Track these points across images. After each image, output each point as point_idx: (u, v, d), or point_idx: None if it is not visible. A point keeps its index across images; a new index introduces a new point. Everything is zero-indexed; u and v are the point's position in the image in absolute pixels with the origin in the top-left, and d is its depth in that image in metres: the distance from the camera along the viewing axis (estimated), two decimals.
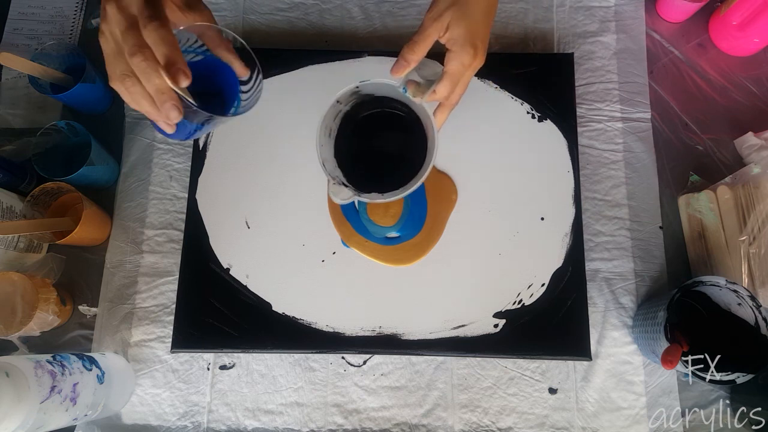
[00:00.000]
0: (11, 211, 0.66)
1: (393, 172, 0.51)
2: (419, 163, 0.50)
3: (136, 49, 0.38)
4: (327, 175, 0.50)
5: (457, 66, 0.49)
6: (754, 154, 0.68)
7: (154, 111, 0.40)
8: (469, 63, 0.49)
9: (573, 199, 0.68)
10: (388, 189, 0.50)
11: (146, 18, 0.38)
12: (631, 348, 0.65)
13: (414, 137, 0.53)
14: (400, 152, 0.54)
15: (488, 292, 0.66)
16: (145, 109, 0.40)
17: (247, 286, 0.67)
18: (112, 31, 0.39)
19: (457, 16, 0.48)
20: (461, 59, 0.49)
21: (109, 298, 0.68)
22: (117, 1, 0.39)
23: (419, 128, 0.53)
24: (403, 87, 0.50)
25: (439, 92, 0.50)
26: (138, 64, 0.37)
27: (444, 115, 0.52)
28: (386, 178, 0.51)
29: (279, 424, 0.64)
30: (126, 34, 0.38)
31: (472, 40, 0.48)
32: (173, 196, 0.72)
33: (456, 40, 0.48)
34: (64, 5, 0.80)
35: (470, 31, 0.48)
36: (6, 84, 0.76)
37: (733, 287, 0.56)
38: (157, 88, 0.38)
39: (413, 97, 0.50)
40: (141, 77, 0.38)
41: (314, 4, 0.79)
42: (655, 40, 0.76)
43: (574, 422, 0.63)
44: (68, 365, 0.55)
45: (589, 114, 0.73)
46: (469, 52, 0.48)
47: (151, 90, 0.39)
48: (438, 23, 0.48)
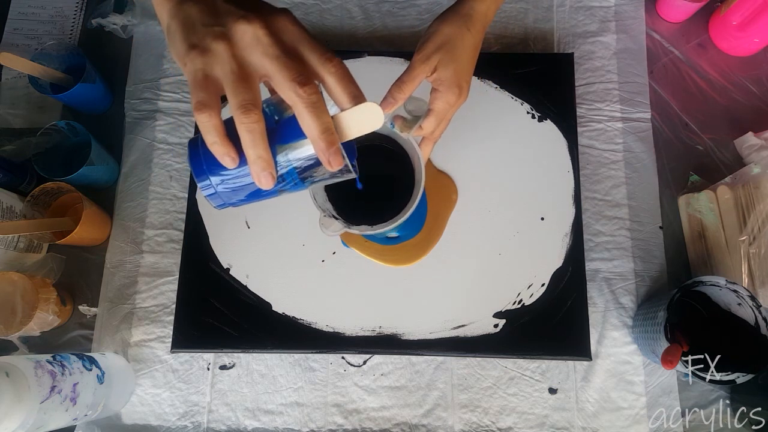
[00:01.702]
0: (11, 211, 0.66)
1: (382, 203, 0.53)
2: (407, 194, 0.52)
3: (305, 79, 0.33)
4: (318, 209, 0.51)
5: (442, 105, 0.51)
6: (754, 154, 0.68)
7: (268, 156, 0.33)
8: (454, 102, 0.51)
9: (573, 199, 0.68)
10: (377, 220, 0.51)
11: (327, 51, 0.35)
12: (631, 348, 0.65)
13: (402, 169, 0.54)
14: (389, 184, 0.56)
15: (488, 292, 0.66)
16: (260, 153, 0.33)
17: (247, 286, 0.67)
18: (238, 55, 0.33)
19: (445, 59, 0.50)
20: (447, 99, 0.51)
21: (109, 298, 0.68)
22: (265, 21, 0.33)
23: (407, 161, 0.54)
24: (390, 122, 0.53)
25: (425, 128, 0.52)
26: (309, 97, 0.33)
27: (428, 148, 0.54)
28: (375, 209, 0.53)
29: (279, 424, 0.64)
30: (287, 61, 0.33)
31: (458, 82, 0.51)
32: (173, 196, 0.72)
33: (443, 81, 0.51)
34: (64, 5, 0.80)
35: (457, 73, 0.51)
36: (6, 84, 0.76)
37: (733, 287, 0.56)
38: (327, 127, 0.33)
39: (400, 131, 0.53)
40: (309, 112, 0.33)
41: (314, 4, 0.79)
42: (655, 40, 0.76)
43: (574, 422, 0.63)
44: (68, 365, 0.55)
45: (589, 114, 0.73)
46: (454, 92, 0.51)
47: (321, 128, 0.33)
48: (426, 65, 0.50)
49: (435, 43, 0.50)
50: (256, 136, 0.32)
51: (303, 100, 0.32)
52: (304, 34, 0.35)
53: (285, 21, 0.34)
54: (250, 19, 0.33)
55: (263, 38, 0.33)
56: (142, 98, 0.75)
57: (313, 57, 0.34)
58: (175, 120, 0.74)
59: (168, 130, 0.74)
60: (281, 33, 0.34)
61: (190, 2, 0.34)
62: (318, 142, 0.33)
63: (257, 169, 0.33)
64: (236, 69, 0.33)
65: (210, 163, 0.34)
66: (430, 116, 0.52)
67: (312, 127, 0.33)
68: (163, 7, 0.36)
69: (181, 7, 0.34)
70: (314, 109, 0.32)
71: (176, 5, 0.35)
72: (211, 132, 0.32)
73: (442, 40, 0.50)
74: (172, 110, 0.75)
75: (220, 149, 0.33)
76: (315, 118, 0.32)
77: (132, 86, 0.76)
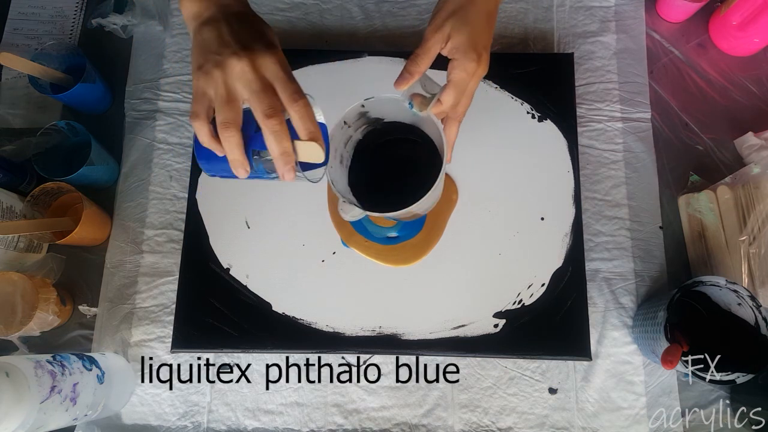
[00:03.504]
0: (11, 211, 0.66)
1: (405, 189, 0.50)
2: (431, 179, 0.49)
3: (272, 112, 0.41)
4: (337, 194, 0.50)
5: (460, 74, 0.49)
6: (754, 154, 0.68)
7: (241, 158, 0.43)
8: (473, 71, 0.49)
9: (573, 199, 0.68)
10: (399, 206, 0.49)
11: (295, 93, 0.42)
12: (631, 348, 0.65)
13: (427, 158, 0.52)
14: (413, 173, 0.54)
15: (488, 292, 0.66)
16: (235, 156, 0.43)
17: (247, 286, 0.67)
18: (228, 82, 0.42)
19: (457, 24, 0.48)
20: (465, 67, 0.48)
21: (109, 298, 0.68)
22: (251, 59, 0.42)
23: (434, 150, 0.52)
24: (409, 102, 0.50)
25: (445, 101, 0.49)
26: (273, 126, 0.41)
27: (453, 129, 0.52)
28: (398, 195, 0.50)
29: (279, 424, 0.64)
30: (261, 95, 0.41)
31: (475, 47, 0.48)
32: (173, 196, 0.72)
33: (458, 48, 0.48)
34: (64, 5, 0.80)
35: (472, 38, 0.48)
36: (6, 84, 0.76)
37: (733, 287, 0.56)
38: (285, 150, 0.42)
39: (419, 110, 0.50)
40: (273, 137, 0.41)
41: (314, 4, 0.79)
42: (655, 40, 0.76)
43: (574, 422, 0.63)
44: (68, 365, 0.55)
45: (589, 114, 0.73)
46: (472, 59, 0.48)
47: (279, 151, 0.42)
48: (439, 34, 0.48)
49: (446, 11, 0.49)
50: (232, 145, 0.42)
51: (269, 128, 0.41)
52: (281, 74, 0.42)
53: (269, 60, 0.42)
54: (240, 55, 0.42)
55: (248, 73, 0.41)
56: (142, 98, 0.75)
57: (285, 95, 0.42)
58: (175, 120, 0.74)
59: (168, 130, 0.74)
60: (263, 70, 0.42)
61: (207, 28, 0.44)
62: (277, 160, 0.43)
63: (235, 165, 0.44)
64: (224, 94, 0.42)
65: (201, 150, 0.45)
66: (449, 88, 0.49)
67: (273, 148, 0.42)
68: (190, 25, 0.46)
69: (200, 29, 0.44)
70: (276, 136, 0.41)
71: (198, 27, 0.44)
72: (201, 134, 0.43)
73: (453, 8, 0.49)
74: (172, 110, 0.75)
75: (209, 146, 0.44)
76: (276, 143, 0.42)
77: (132, 86, 0.76)
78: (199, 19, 0.45)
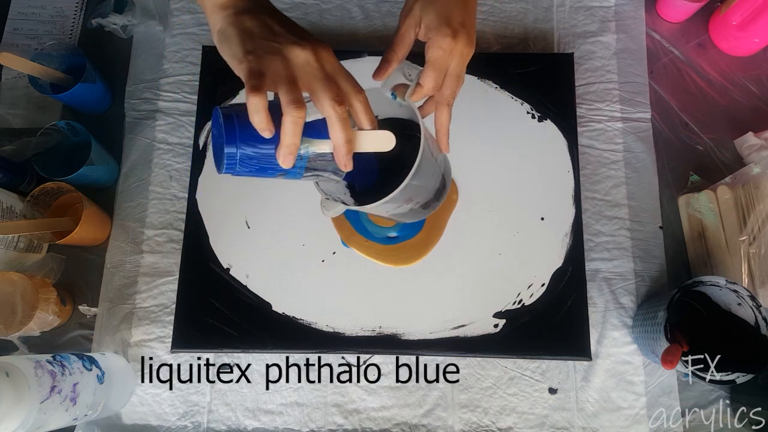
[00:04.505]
0: (11, 211, 0.66)
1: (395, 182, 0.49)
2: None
3: (341, 100, 0.41)
4: (319, 191, 0.50)
5: (436, 51, 0.48)
6: (754, 154, 0.68)
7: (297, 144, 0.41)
8: (449, 47, 0.47)
9: (573, 199, 0.68)
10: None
11: (357, 84, 0.43)
12: (631, 348, 0.65)
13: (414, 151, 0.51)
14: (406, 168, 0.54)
15: (488, 292, 0.66)
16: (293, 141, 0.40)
17: (247, 286, 0.67)
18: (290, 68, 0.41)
19: (424, 4, 0.48)
20: (439, 44, 0.47)
21: (109, 298, 0.68)
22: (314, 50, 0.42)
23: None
24: (392, 93, 0.50)
25: (425, 83, 0.48)
26: (342, 113, 0.41)
27: (443, 113, 0.51)
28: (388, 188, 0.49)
29: (279, 424, 0.64)
30: (329, 83, 0.41)
31: (448, 23, 0.47)
32: (173, 196, 0.72)
33: (429, 26, 0.48)
34: (64, 5, 0.80)
35: (442, 14, 0.48)
36: (6, 84, 0.76)
37: (733, 287, 0.56)
38: (350, 138, 0.42)
39: (403, 100, 0.49)
40: (340, 125, 0.41)
41: (314, 4, 0.79)
42: (655, 40, 0.76)
43: (574, 422, 0.63)
44: (68, 365, 0.55)
45: (589, 114, 0.73)
46: (445, 34, 0.47)
47: (345, 139, 0.42)
48: (410, 18, 0.49)
49: None
50: (297, 127, 0.40)
51: (338, 115, 0.41)
52: (340, 67, 0.43)
53: (327, 54, 0.43)
54: (303, 45, 0.42)
55: (313, 63, 0.41)
56: (142, 98, 0.75)
57: (348, 86, 0.42)
58: (175, 120, 0.74)
59: (168, 130, 0.74)
60: (324, 62, 0.42)
61: (248, 16, 0.43)
62: (340, 147, 0.42)
63: (285, 152, 0.41)
64: (289, 77, 0.41)
65: (244, 134, 0.41)
66: (426, 68, 0.48)
67: (339, 136, 0.41)
68: (218, 14, 0.44)
69: (239, 17, 0.43)
70: (345, 123, 0.41)
71: (234, 15, 0.43)
72: (260, 111, 0.39)
73: None
74: (172, 110, 0.75)
75: (264, 125, 0.40)
76: (344, 129, 0.41)
77: (132, 86, 0.76)
78: (232, 9, 0.44)
